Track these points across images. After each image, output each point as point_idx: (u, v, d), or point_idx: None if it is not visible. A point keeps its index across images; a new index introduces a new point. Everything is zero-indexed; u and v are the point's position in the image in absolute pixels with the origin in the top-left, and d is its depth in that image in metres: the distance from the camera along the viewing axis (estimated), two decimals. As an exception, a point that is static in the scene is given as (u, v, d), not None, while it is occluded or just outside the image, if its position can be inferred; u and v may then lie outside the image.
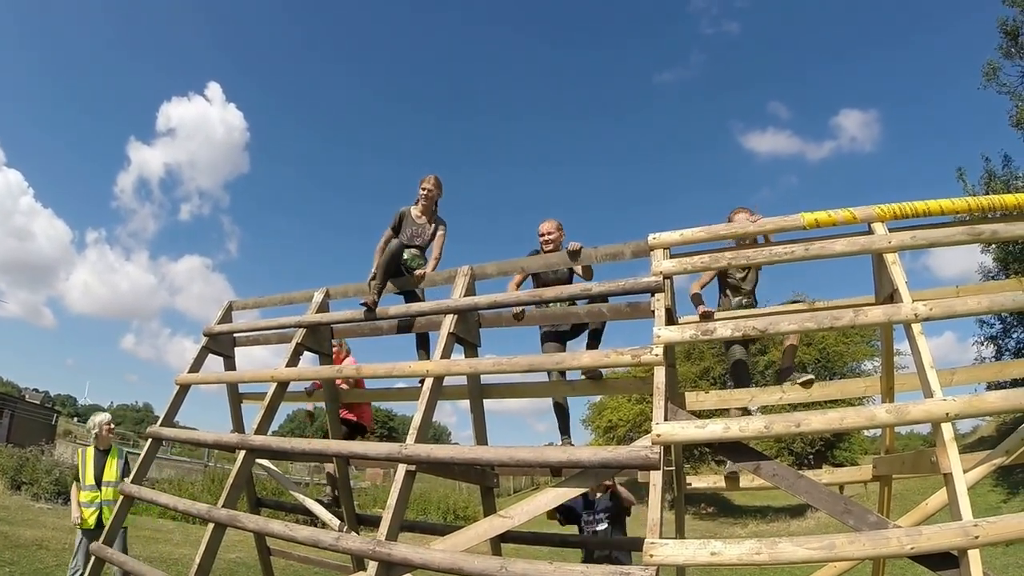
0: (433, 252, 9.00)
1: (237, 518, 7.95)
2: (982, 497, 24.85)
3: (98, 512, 9.37)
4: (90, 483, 9.50)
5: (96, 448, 9.79)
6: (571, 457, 6.15)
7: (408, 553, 6.04)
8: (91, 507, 9.39)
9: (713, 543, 4.99)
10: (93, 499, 9.43)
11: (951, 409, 5.20)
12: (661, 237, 6.90)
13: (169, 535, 19.14)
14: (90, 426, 10.09)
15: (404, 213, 9.08)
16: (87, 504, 9.42)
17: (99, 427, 9.90)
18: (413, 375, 7.52)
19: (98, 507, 9.38)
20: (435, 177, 9.16)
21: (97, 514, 9.37)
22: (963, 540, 4.75)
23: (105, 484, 9.52)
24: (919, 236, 6.37)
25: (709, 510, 39.68)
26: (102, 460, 9.66)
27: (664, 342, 6.06)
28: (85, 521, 9.31)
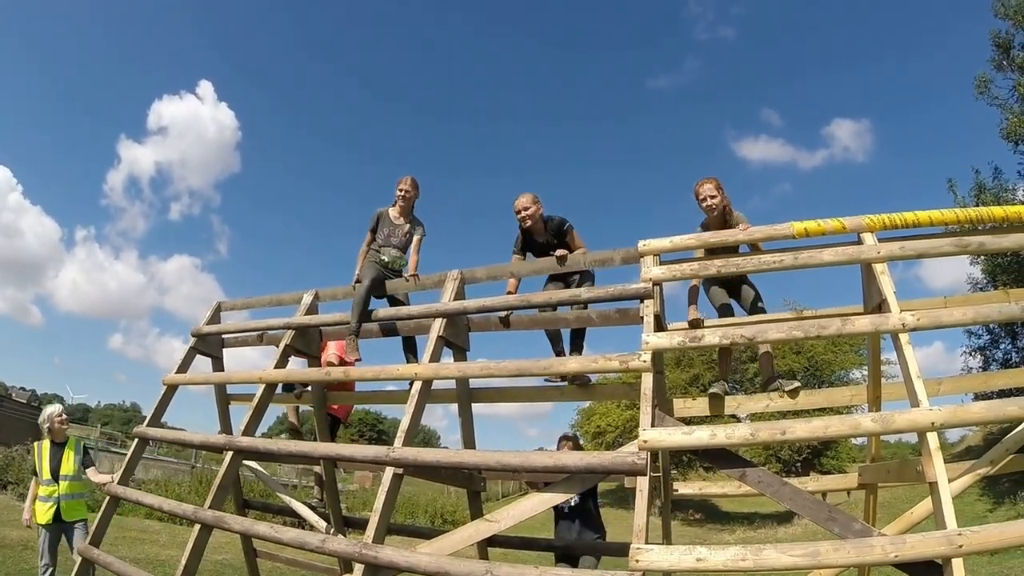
0: (411, 258, 9.01)
1: (223, 519, 7.95)
2: (969, 506, 24.97)
3: (55, 507, 9.06)
4: (47, 477, 9.18)
5: (52, 441, 9.48)
6: (558, 462, 6.15)
7: (394, 556, 6.06)
8: (48, 502, 9.09)
9: (698, 549, 5.01)
10: (50, 493, 9.12)
11: (937, 419, 5.25)
12: (651, 244, 6.93)
13: (156, 536, 19.00)
14: (41, 420, 9.77)
15: (382, 214, 9.12)
16: (44, 499, 9.13)
17: (50, 420, 9.55)
18: (401, 378, 7.59)
19: (55, 502, 9.06)
20: (412, 178, 9.22)
21: (55, 509, 9.05)
22: (947, 549, 4.77)
23: (62, 478, 9.20)
24: (908, 247, 6.42)
25: (697, 516, 39.77)
26: (58, 453, 9.35)
27: (652, 348, 6.09)
28: (40, 516, 9.08)
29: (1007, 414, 5.65)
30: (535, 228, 8.31)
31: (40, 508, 9.08)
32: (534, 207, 8.30)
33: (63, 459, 9.25)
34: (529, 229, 8.34)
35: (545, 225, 8.31)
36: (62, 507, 9.03)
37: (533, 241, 8.38)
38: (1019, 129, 27.83)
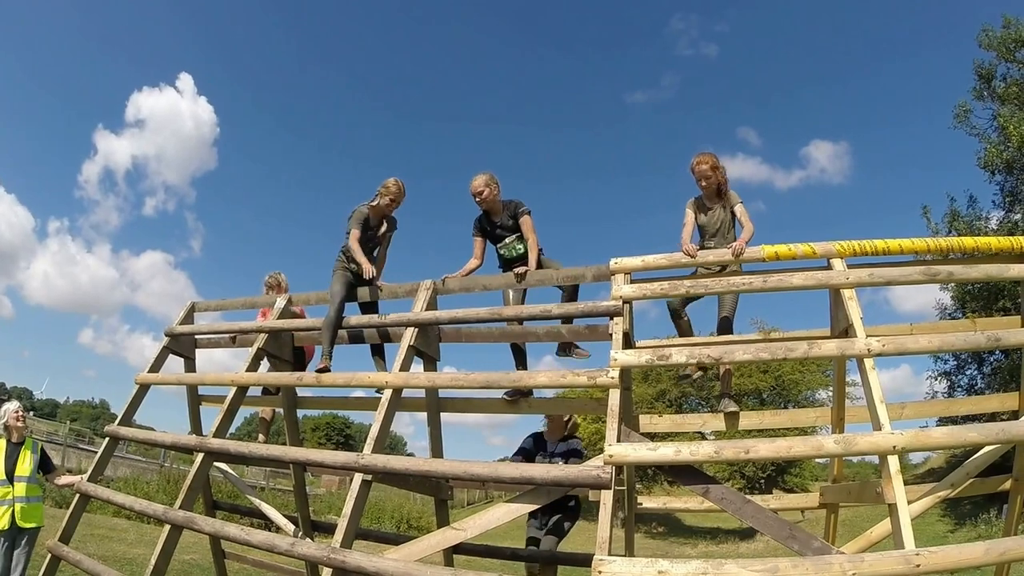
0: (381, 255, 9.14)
1: (193, 520, 8.00)
2: (930, 527, 25.25)
3: (11, 510, 8.60)
4: (1, 479, 8.68)
5: (8, 441, 8.98)
6: (524, 474, 6.26)
7: (362, 561, 6.14)
8: (3, 505, 8.61)
9: (661, 562, 5.09)
10: (5, 495, 8.65)
11: (898, 442, 5.39)
12: (622, 262, 7.06)
13: (123, 534, 18.97)
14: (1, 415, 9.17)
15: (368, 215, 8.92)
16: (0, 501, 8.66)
17: (6, 416, 9.03)
18: (372, 386, 7.69)
19: (10, 504, 8.62)
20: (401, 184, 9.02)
21: (10, 512, 8.60)
22: (904, 568, 4.89)
23: (18, 479, 8.74)
24: (876, 274, 6.57)
25: (660, 530, 39.98)
26: (15, 454, 8.88)
27: (620, 365, 6.20)
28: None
29: (968, 440, 5.81)
30: (493, 209, 8.44)
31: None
32: (487, 190, 8.38)
33: (19, 460, 8.86)
34: (487, 210, 8.47)
35: (503, 207, 8.44)
36: (17, 511, 8.63)
37: (491, 222, 8.49)
38: (996, 159, 28.14)
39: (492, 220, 8.48)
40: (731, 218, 7.65)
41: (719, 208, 7.67)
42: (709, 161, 7.67)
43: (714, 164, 7.66)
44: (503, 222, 8.40)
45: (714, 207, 7.67)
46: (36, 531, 8.83)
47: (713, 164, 7.66)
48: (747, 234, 7.22)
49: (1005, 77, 29.73)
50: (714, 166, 7.65)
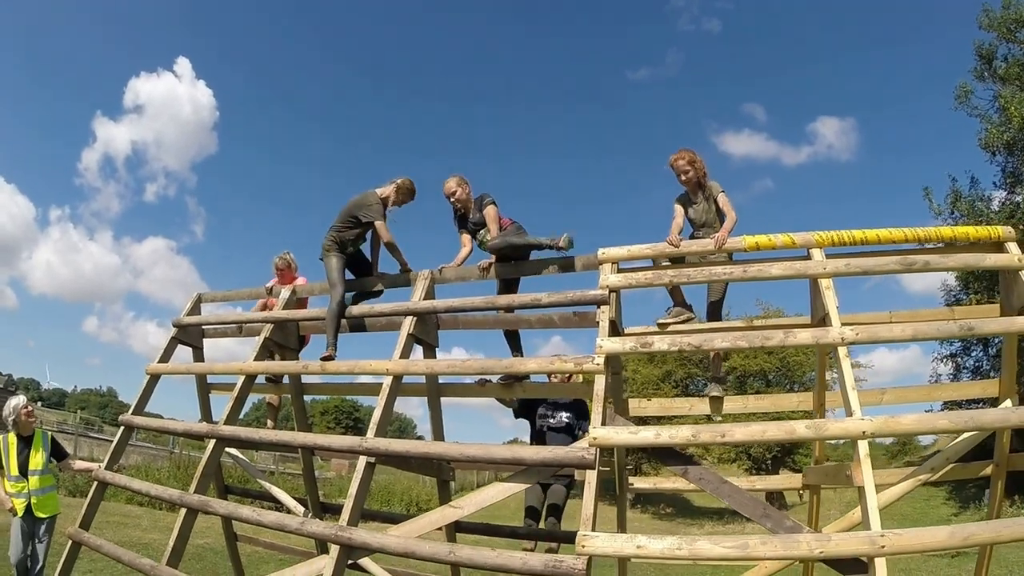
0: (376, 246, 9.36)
1: (208, 503, 8.31)
2: (934, 510, 25.50)
3: (26, 503, 8.83)
4: (15, 474, 8.93)
5: (18, 435, 9.13)
6: (515, 455, 6.64)
7: (367, 538, 6.52)
8: (20, 498, 8.85)
9: (639, 537, 5.45)
10: (20, 490, 8.89)
11: (868, 428, 5.63)
12: (609, 252, 7.33)
13: (138, 520, 19.24)
14: (6, 413, 9.33)
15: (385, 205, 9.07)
16: (15, 495, 8.90)
17: (15, 413, 9.18)
18: (374, 373, 7.99)
19: (26, 497, 8.84)
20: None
21: (26, 505, 8.83)
22: (869, 548, 5.18)
23: (31, 473, 8.96)
24: (853, 264, 6.77)
25: (668, 511, 40.20)
26: (25, 448, 9.06)
27: (606, 353, 6.48)
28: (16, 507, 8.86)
29: (937, 426, 6.22)
30: (467, 208, 8.75)
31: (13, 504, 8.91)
32: (460, 190, 8.72)
33: (31, 454, 9.05)
34: (462, 210, 8.78)
35: (475, 204, 8.72)
36: (33, 503, 8.87)
37: (466, 219, 8.79)
38: (997, 140, 28.00)
39: (467, 217, 8.77)
40: (716, 208, 7.79)
41: (703, 200, 7.85)
42: (686, 156, 7.87)
43: (691, 159, 7.85)
44: (476, 218, 8.68)
45: (698, 200, 7.85)
46: (53, 519, 9.05)
47: (690, 159, 7.85)
48: (729, 223, 7.41)
49: (1006, 57, 29.33)
50: (691, 161, 7.84)
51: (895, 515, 21.64)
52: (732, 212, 7.55)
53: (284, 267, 10.77)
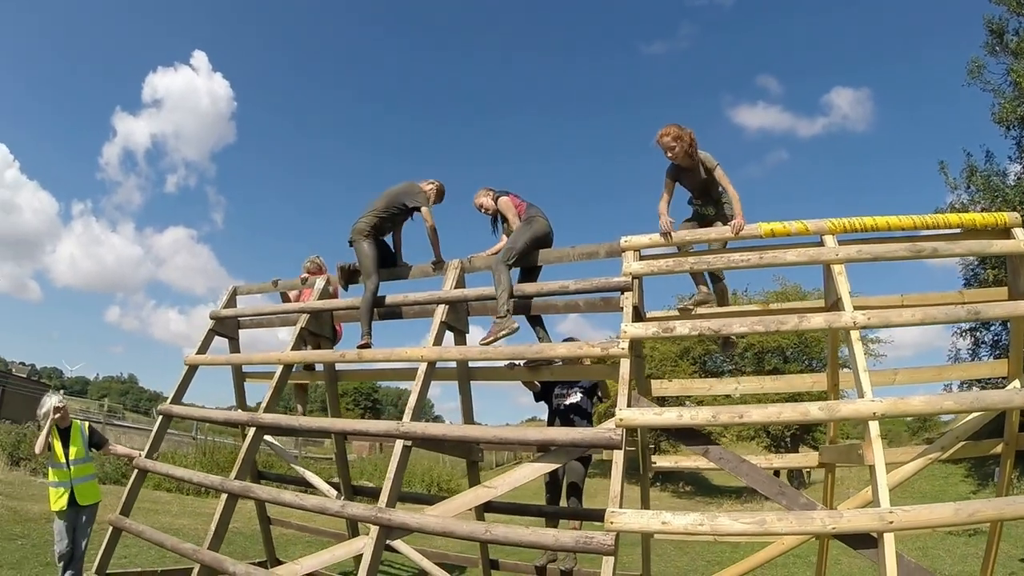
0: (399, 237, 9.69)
1: (250, 488, 8.67)
2: (953, 487, 25.50)
3: (69, 492, 8.92)
4: (60, 461, 9.04)
5: (57, 427, 9.19)
6: (547, 436, 7.01)
7: (406, 518, 6.84)
8: (61, 487, 8.95)
9: (664, 514, 5.79)
10: (63, 478, 8.99)
11: (878, 409, 5.87)
12: (632, 240, 7.61)
13: (167, 506, 19.39)
14: (44, 413, 9.33)
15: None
16: (57, 484, 8.99)
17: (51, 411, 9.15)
18: (409, 360, 8.18)
19: (68, 487, 8.94)
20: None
21: (68, 494, 8.91)
22: (878, 524, 5.44)
23: (73, 463, 9.08)
24: (864, 250, 6.96)
25: (687, 489, 40.41)
26: (65, 438, 9.19)
27: (630, 337, 6.76)
28: (54, 503, 8.97)
29: (944, 407, 6.34)
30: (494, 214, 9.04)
31: (53, 494, 9.02)
32: (486, 200, 9.05)
33: (70, 444, 9.19)
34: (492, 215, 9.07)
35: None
36: (76, 491, 8.97)
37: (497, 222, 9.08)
38: (1010, 114, 27.81)
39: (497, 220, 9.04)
40: (710, 177, 7.92)
41: (696, 170, 7.96)
42: (671, 132, 7.89)
43: (676, 134, 7.86)
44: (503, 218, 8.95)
45: (691, 170, 7.97)
46: (95, 506, 9.22)
47: (675, 134, 7.86)
48: (737, 205, 7.59)
49: (1017, 31, 29.00)
50: (676, 136, 7.85)
51: (914, 493, 21.85)
52: (733, 189, 7.72)
53: (315, 270, 10.90)
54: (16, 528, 13.09)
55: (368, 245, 8.98)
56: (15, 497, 16.10)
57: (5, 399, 37.30)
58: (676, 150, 7.89)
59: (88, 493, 9.11)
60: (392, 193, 9.25)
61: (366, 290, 8.92)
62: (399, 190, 9.26)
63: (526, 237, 8.35)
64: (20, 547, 11.84)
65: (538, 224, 8.49)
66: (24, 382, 48.92)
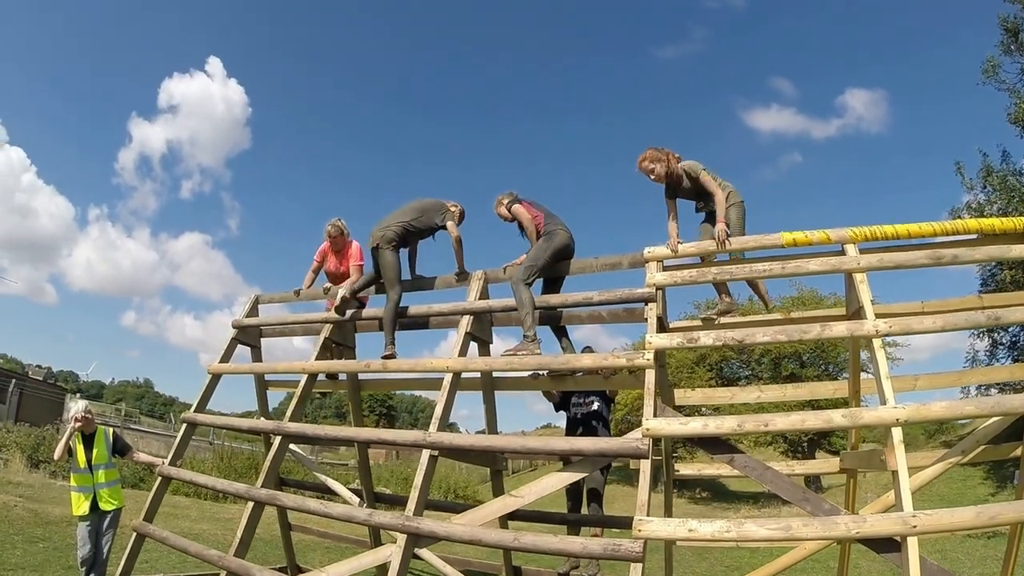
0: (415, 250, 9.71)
1: (276, 496, 8.75)
2: (972, 490, 25.50)
3: (92, 496, 9.09)
4: (82, 467, 9.18)
5: (81, 433, 9.33)
6: (573, 446, 7.11)
7: (434, 527, 6.90)
8: (84, 491, 9.12)
9: (691, 521, 5.83)
10: (86, 483, 9.15)
11: (901, 415, 5.93)
12: (655, 251, 7.64)
13: (186, 511, 19.49)
14: (67, 418, 9.95)
15: None
16: (80, 489, 9.15)
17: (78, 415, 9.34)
18: (435, 370, 8.26)
19: (92, 491, 9.11)
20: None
21: (91, 498, 9.09)
22: (902, 528, 5.51)
23: (96, 467, 9.22)
24: (885, 258, 7.03)
25: (703, 495, 40.37)
26: (90, 444, 9.32)
27: (655, 348, 6.83)
28: (76, 508, 9.13)
29: (965, 412, 6.48)
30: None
31: (76, 499, 9.16)
32: (501, 209, 9.01)
33: (94, 449, 9.31)
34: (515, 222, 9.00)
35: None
36: (99, 496, 9.11)
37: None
38: (1027, 113, 27.60)
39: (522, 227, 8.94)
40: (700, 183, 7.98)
41: (684, 182, 8.05)
42: (647, 156, 8.08)
43: (652, 156, 8.03)
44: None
45: (681, 183, 8.06)
46: (118, 511, 9.33)
47: (652, 157, 8.04)
48: (719, 207, 7.68)
49: None
50: (653, 158, 8.02)
51: (932, 496, 21.85)
52: (718, 191, 7.80)
53: (337, 234, 10.85)
54: (37, 531, 13.20)
55: (393, 255, 8.99)
56: (36, 499, 16.19)
57: (23, 402, 37.42)
58: (657, 170, 8.05)
59: (111, 498, 9.20)
60: (422, 207, 9.27)
61: (389, 300, 8.95)
62: (429, 205, 9.30)
63: (547, 254, 8.35)
64: (42, 550, 11.95)
65: (559, 238, 8.46)
66: (41, 385, 49.16)
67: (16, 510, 14.55)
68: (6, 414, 34.30)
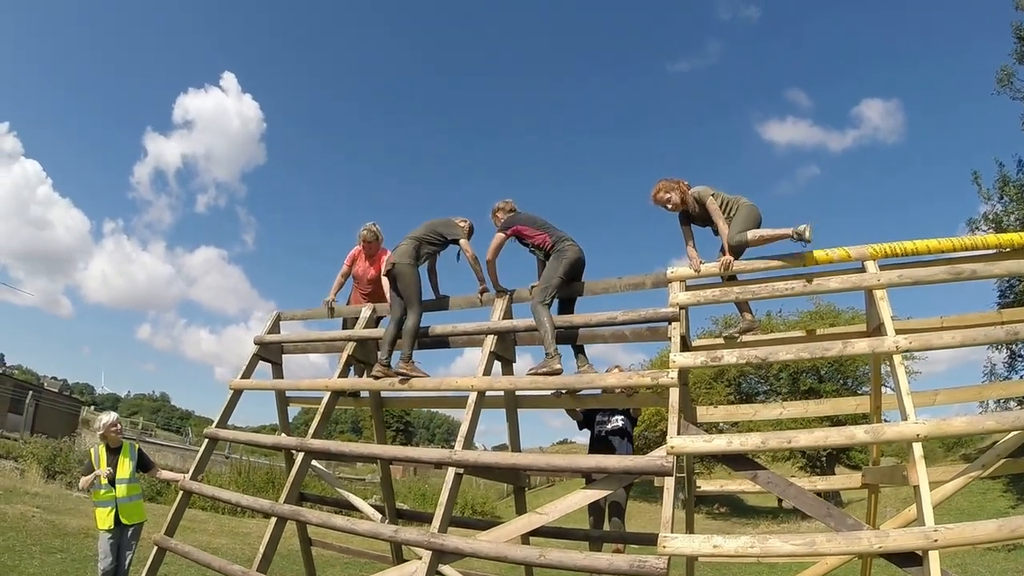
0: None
1: (299, 512, 8.80)
2: (991, 503, 25.46)
3: (115, 510, 9.10)
4: (104, 482, 9.14)
5: (107, 447, 9.48)
6: (599, 464, 7.10)
7: (459, 543, 6.97)
8: (107, 506, 9.12)
9: (715, 537, 5.90)
10: (109, 498, 9.14)
11: (921, 431, 5.97)
12: (678, 271, 7.74)
13: (204, 525, 19.58)
14: (96, 427, 9.88)
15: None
16: (103, 503, 9.16)
17: (104, 428, 9.60)
18: (459, 389, 8.26)
19: (113, 505, 9.11)
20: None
21: (114, 513, 9.09)
22: (924, 542, 5.55)
23: (119, 482, 9.24)
24: (905, 275, 7.04)
25: (722, 510, 40.37)
26: (114, 459, 9.37)
27: (679, 367, 6.91)
28: (100, 521, 9.16)
29: (985, 427, 6.41)
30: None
31: (100, 513, 9.18)
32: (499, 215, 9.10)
33: (119, 464, 9.36)
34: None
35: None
36: (121, 511, 9.14)
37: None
38: (1042, 123, 27.50)
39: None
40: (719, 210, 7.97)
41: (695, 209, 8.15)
42: (659, 187, 8.25)
43: (665, 187, 8.20)
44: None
45: (695, 211, 8.16)
46: (140, 526, 9.41)
47: (664, 187, 8.21)
48: (724, 238, 7.76)
49: None
50: (666, 189, 8.19)
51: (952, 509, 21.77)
52: (721, 222, 7.85)
53: (372, 239, 10.79)
54: (55, 542, 13.31)
55: (411, 270, 8.97)
56: (53, 511, 16.33)
57: (39, 413, 37.57)
58: (672, 199, 8.18)
59: (133, 513, 9.28)
60: (429, 224, 9.31)
61: (410, 317, 8.93)
62: (437, 222, 9.34)
63: (560, 272, 8.34)
64: (60, 560, 12.06)
65: (569, 253, 8.45)
66: (57, 397, 49.32)
67: (34, 521, 14.69)
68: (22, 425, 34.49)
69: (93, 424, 9.74)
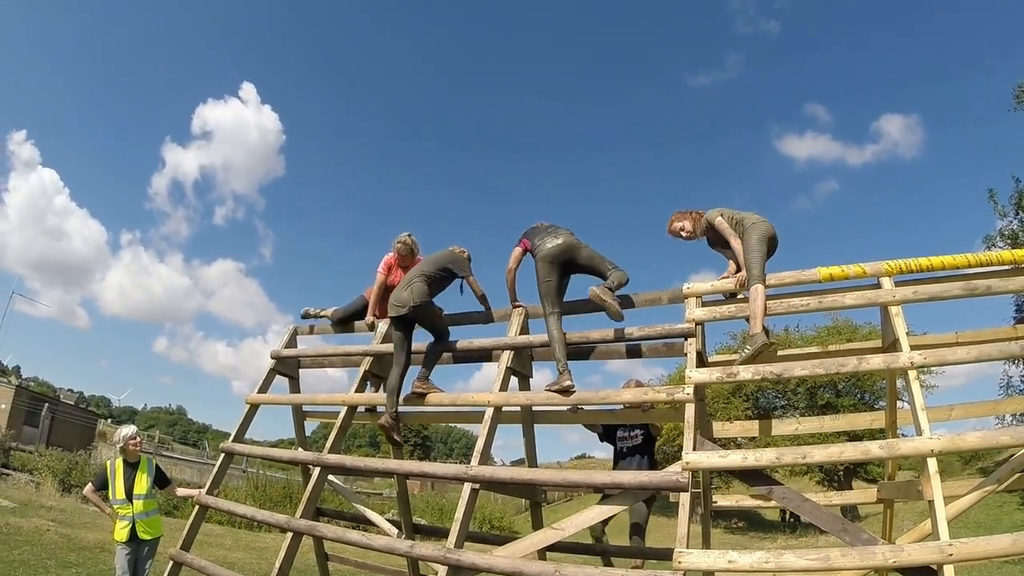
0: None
1: (315, 527, 8.83)
2: (1008, 516, 25.32)
3: (131, 525, 9.02)
4: (120, 497, 9.09)
5: (125, 461, 9.35)
6: (614, 479, 7.16)
7: (475, 559, 7.00)
8: (124, 521, 9.04)
9: (730, 553, 5.91)
10: (125, 513, 9.06)
11: (936, 446, 5.99)
12: (694, 287, 7.78)
13: (220, 539, 19.57)
14: (115, 440, 9.71)
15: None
16: (120, 518, 9.09)
17: (123, 441, 9.43)
18: (476, 405, 8.35)
19: (131, 521, 9.03)
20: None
21: (130, 527, 9.01)
22: (938, 557, 5.54)
23: (136, 497, 9.13)
24: (920, 291, 7.06)
25: (739, 525, 40.24)
26: (132, 474, 9.27)
27: (695, 383, 6.95)
28: (117, 534, 9.10)
29: (1000, 442, 6.38)
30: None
31: (116, 526, 9.13)
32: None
33: (136, 479, 9.24)
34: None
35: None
36: (138, 526, 9.06)
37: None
38: (1061, 138, 27.48)
39: None
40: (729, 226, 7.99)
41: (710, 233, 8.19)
42: (673, 219, 8.40)
43: (678, 218, 8.34)
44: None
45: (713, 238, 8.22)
46: (156, 541, 9.35)
47: (677, 218, 8.35)
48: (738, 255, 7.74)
49: None
50: (679, 218, 8.33)
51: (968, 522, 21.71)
52: (733, 239, 7.85)
53: (406, 252, 10.58)
54: (71, 556, 13.30)
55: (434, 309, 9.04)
56: (68, 524, 16.34)
57: (54, 426, 37.68)
58: (687, 227, 8.30)
59: (150, 528, 9.23)
60: (437, 259, 9.28)
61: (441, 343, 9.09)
62: (438, 256, 9.35)
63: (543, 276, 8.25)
64: (75, 575, 12.07)
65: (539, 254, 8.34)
66: (73, 409, 49.49)
67: (49, 534, 14.70)
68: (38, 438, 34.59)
69: (112, 437, 9.72)
